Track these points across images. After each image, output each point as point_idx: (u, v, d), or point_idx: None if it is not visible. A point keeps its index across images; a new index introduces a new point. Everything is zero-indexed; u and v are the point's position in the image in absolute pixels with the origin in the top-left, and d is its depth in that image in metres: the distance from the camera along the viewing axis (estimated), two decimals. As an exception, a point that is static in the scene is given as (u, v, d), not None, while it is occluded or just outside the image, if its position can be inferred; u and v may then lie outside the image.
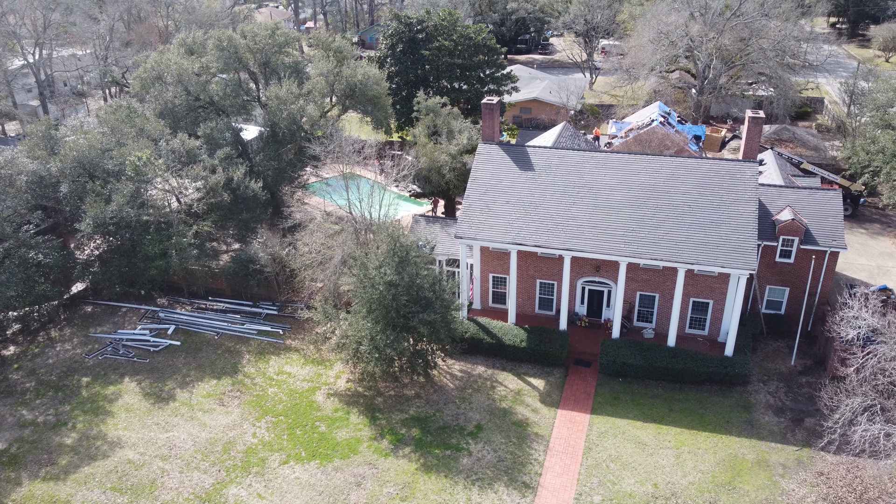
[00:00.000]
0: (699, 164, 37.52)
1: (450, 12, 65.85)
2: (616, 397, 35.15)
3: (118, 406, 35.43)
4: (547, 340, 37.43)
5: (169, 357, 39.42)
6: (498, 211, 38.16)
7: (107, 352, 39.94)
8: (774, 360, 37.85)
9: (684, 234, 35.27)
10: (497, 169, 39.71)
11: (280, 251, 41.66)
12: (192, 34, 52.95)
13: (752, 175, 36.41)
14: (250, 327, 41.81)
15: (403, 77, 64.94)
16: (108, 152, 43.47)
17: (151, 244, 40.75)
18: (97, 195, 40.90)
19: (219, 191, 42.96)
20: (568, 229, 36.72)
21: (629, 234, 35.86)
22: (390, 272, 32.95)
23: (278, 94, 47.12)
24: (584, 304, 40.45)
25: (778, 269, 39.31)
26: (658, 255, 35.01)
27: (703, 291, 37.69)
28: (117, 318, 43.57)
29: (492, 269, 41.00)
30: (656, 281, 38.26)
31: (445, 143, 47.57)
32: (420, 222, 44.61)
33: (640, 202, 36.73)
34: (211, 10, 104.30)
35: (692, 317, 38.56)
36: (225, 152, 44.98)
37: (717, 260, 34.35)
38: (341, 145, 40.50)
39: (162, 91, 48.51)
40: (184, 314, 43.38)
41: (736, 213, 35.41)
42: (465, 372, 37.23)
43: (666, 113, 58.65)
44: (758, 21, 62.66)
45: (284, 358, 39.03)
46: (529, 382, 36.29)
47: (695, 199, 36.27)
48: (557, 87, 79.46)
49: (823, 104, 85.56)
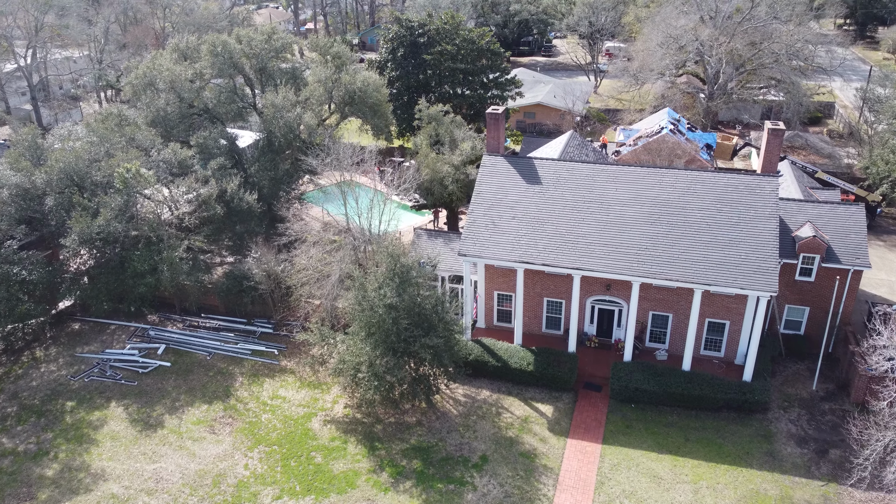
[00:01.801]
0: (716, 178, 35.62)
1: (452, 15, 63.95)
2: (629, 425, 33.27)
3: (103, 434, 33.56)
4: (555, 363, 35.55)
5: (158, 379, 37.57)
6: (504, 227, 36.28)
7: (93, 373, 38.09)
8: (795, 385, 35.95)
9: (701, 253, 33.38)
10: (503, 182, 37.84)
11: (275, 267, 39.79)
12: (185, 39, 51.06)
13: (773, 190, 34.51)
14: (244, 347, 39.94)
15: (404, 82, 63.06)
16: (96, 163, 41.60)
17: (140, 260, 38.87)
18: (84, 209, 39.05)
19: (211, 203, 41.07)
20: (578, 247, 34.84)
21: (643, 253, 33.98)
22: (390, 294, 31.09)
23: (274, 102, 45.26)
24: (593, 323, 38.58)
25: (797, 288, 37.42)
26: (674, 276, 33.12)
27: (720, 312, 35.81)
28: (105, 336, 41.72)
29: (497, 286, 39.13)
30: (670, 300, 36.38)
31: (448, 152, 45.70)
32: (422, 236, 42.75)
33: (654, 218, 34.84)
34: (209, 12, 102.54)
35: (707, 338, 36.69)
36: (218, 163, 43.11)
37: (736, 281, 32.46)
38: (339, 158, 38.60)
39: (153, 98, 46.64)
40: (175, 332, 41.52)
41: (756, 230, 33.52)
42: (469, 397, 35.36)
43: (675, 120, 56.76)
44: (770, 24, 60.73)
45: (279, 380, 37.16)
46: (537, 408, 34.41)
47: (712, 215, 34.37)
48: (563, 92, 77.57)
49: (834, 109, 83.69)
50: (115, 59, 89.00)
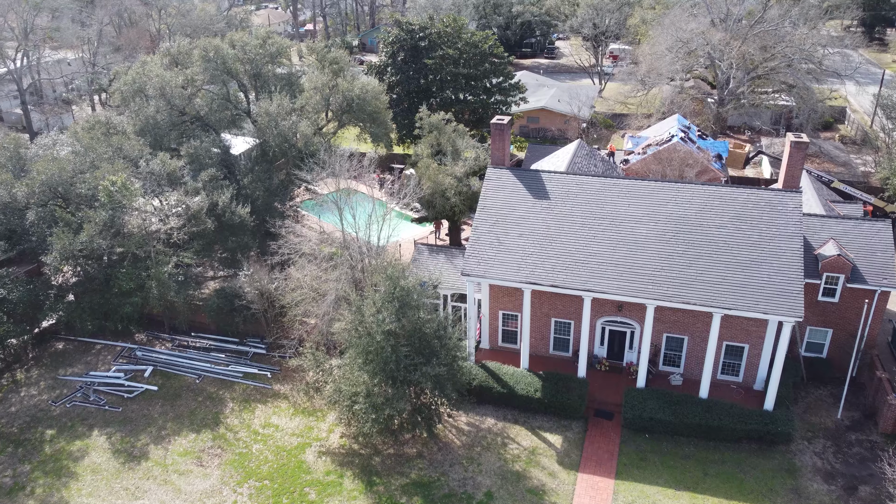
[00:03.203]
0: (735, 193, 33.56)
1: (454, 18, 61.85)
2: (643, 458, 31.21)
3: (84, 466, 31.52)
4: (564, 390, 33.51)
5: (144, 405, 35.54)
6: (509, 245, 34.24)
7: (76, 398, 36.05)
8: (818, 412, 33.91)
9: (721, 274, 31.33)
10: (508, 196, 35.80)
11: (269, 285, 37.74)
12: (176, 43, 49.02)
13: (796, 207, 32.47)
14: (235, 369, 37.91)
15: (405, 87, 60.97)
16: (81, 175, 39.57)
17: (126, 278, 36.85)
18: (66, 224, 37.01)
19: (202, 218, 39.03)
20: (588, 267, 32.79)
21: (658, 274, 31.93)
22: (389, 319, 29.05)
23: (268, 110, 43.25)
24: (603, 345, 36.54)
25: (820, 309, 35.37)
26: (692, 299, 31.07)
27: (739, 335, 33.77)
28: (90, 356, 39.69)
29: (501, 305, 37.10)
30: (685, 322, 34.35)
31: (450, 163, 43.65)
32: (423, 252, 40.70)
33: (670, 236, 32.80)
34: (205, 14, 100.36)
35: (725, 362, 34.65)
36: (210, 174, 41.03)
37: (758, 305, 30.40)
38: (336, 171, 36.57)
39: (142, 106, 44.59)
40: (163, 353, 39.50)
41: (779, 250, 31.47)
42: (472, 426, 33.32)
43: (686, 127, 54.70)
44: (783, 28, 58.62)
45: (272, 407, 35.12)
46: (545, 439, 32.36)
47: (731, 233, 32.32)
48: (568, 96, 75.53)
49: (845, 113, 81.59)
50: (110, 61, 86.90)
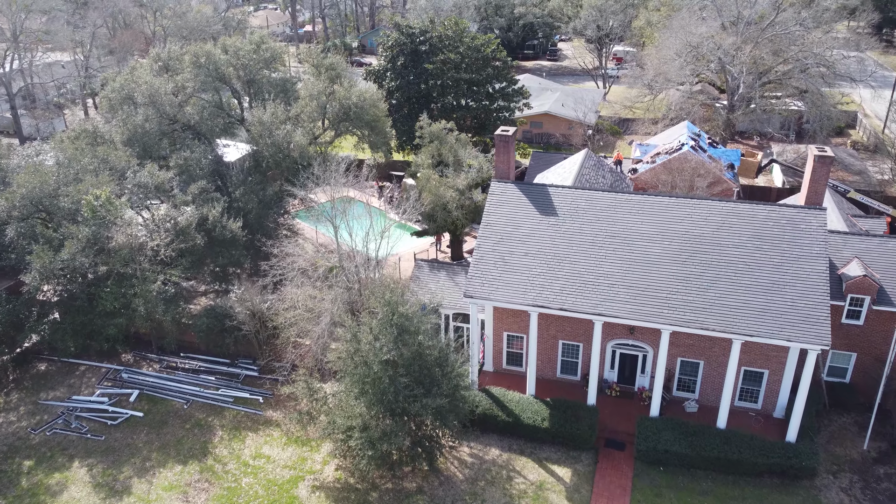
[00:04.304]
0: (755, 210, 31.60)
1: (456, 21, 59.88)
2: (658, 493, 29.26)
3: (62, 502, 29.59)
4: (573, 419, 31.57)
5: (129, 432, 33.61)
6: (515, 264, 32.29)
7: (57, 425, 34.15)
8: (843, 443, 31.95)
9: (741, 298, 29.37)
10: (514, 212, 33.86)
11: (260, 305, 35.83)
12: (167, 48, 47.10)
13: (821, 225, 30.51)
14: (226, 393, 35.98)
15: (404, 93, 59.00)
16: (64, 188, 37.64)
17: (110, 298, 34.94)
18: (47, 241, 35.10)
19: (191, 233, 37.11)
20: (599, 289, 30.84)
21: (673, 297, 29.98)
22: (387, 348, 27.12)
23: (262, 119, 41.33)
24: (614, 369, 34.59)
25: (844, 332, 33.41)
26: (710, 325, 29.11)
27: (758, 360, 31.83)
28: (74, 378, 37.77)
29: (506, 326, 35.18)
30: (701, 347, 32.41)
31: (452, 175, 41.69)
32: (423, 268, 38.76)
33: (686, 256, 30.85)
34: (202, 16, 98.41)
35: (743, 387, 32.72)
36: (199, 186, 39.12)
37: (782, 332, 28.44)
38: (332, 184, 34.67)
39: (131, 114, 42.64)
40: (150, 375, 37.58)
41: (803, 272, 29.51)
42: (475, 457, 31.37)
43: (696, 134, 52.70)
44: (796, 31, 56.60)
45: (263, 435, 33.19)
46: (553, 472, 30.41)
47: (752, 253, 30.37)
48: (572, 101, 73.57)
49: (857, 118, 79.60)
50: (104, 64, 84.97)
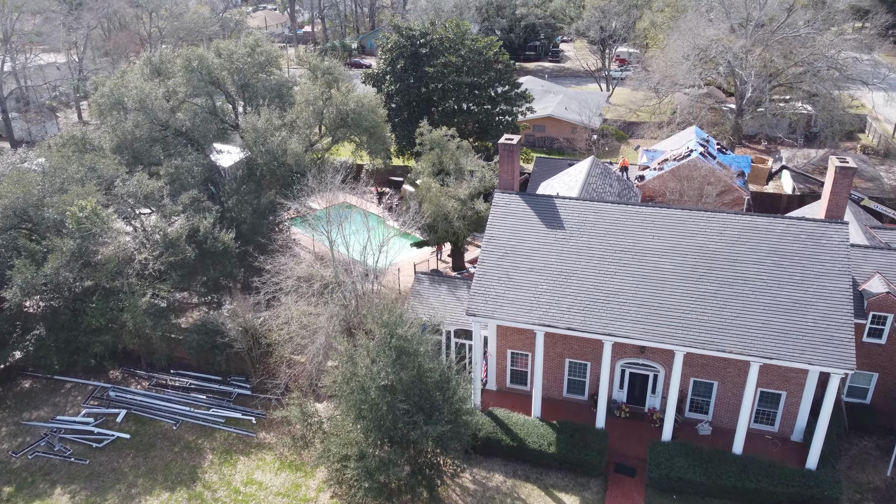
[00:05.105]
0: (773, 224, 30.03)
1: (457, 24, 58.28)
2: (671, 524, 27.73)
3: (41, 533, 28.11)
4: (581, 443, 29.98)
5: (115, 456, 32.05)
6: (519, 281, 30.71)
7: (39, 447, 32.59)
8: (865, 469, 30.37)
9: (759, 318, 27.78)
10: (518, 225, 32.28)
11: (253, 321, 34.27)
12: (158, 52, 45.53)
13: (843, 240, 28.93)
14: (217, 413, 34.42)
15: (404, 97, 57.40)
16: (49, 198, 36.11)
17: (95, 314, 33.38)
18: (29, 254, 33.54)
19: (181, 245, 35.53)
20: (609, 307, 29.26)
21: (687, 316, 28.39)
22: (385, 373, 25.54)
23: (256, 125, 39.77)
24: (623, 388, 33.02)
25: (865, 351, 31.84)
26: (727, 346, 27.53)
27: (776, 381, 30.26)
28: (59, 396, 36.23)
29: (510, 344, 33.61)
30: (716, 367, 30.84)
31: (453, 184, 40.10)
32: (423, 282, 37.18)
33: (701, 273, 29.26)
34: (199, 17, 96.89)
35: (759, 409, 31.15)
36: (191, 196, 37.57)
37: (803, 354, 26.86)
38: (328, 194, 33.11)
39: (120, 120, 41.10)
40: (139, 393, 36.03)
41: (825, 290, 27.92)
42: (479, 483, 29.79)
43: (704, 140, 51.13)
44: (807, 33, 55.01)
45: (255, 459, 31.61)
46: (560, 500, 28.83)
47: (770, 270, 28.79)
48: (576, 104, 71.99)
49: (866, 121, 77.98)
50: (98, 66, 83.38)
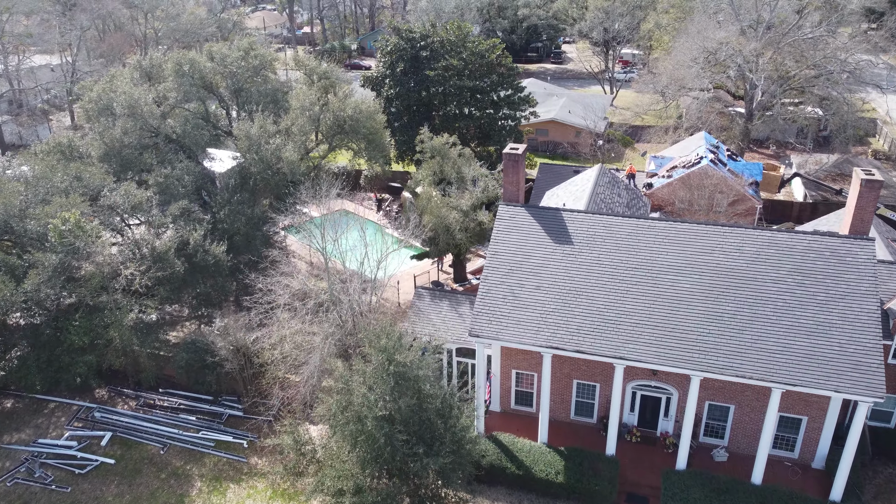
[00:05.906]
0: (794, 240, 28.36)
1: (459, 26, 56.63)
2: (687, 560, 26.05)
3: (17, 569, 26.45)
4: (591, 472, 28.33)
5: (98, 482, 30.40)
6: (525, 299, 29.04)
7: (19, 474, 30.94)
8: (891, 499, 28.72)
9: (781, 341, 26.12)
10: (524, 240, 30.61)
11: (245, 340, 32.62)
12: (148, 56, 43.90)
13: (868, 258, 27.28)
14: (206, 436, 32.78)
15: (404, 101, 55.76)
16: (31, 209, 34.47)
17: (79, 333, 31.73)
18: (9, 270, 31.91)
19: (170, 259, 33.87)
20: (620, 328, 27.60)
21: (704, 339, 26.73)
22: (383, 403, 23.86)
23: (249, 133, 38.12)
24: (634, 411, 31.37)
25: (890, 373, 30.15)
26: (746, 372, 25.87)
27: (796, 406, 28.60)
28: (42, 417, 34.57)
29: (515, 364, 31.95)
30: (732, 390, 29.19)
31: (455, 193, 38.45)
32: (423, 297, 35.52)
33: (718, 292, 27.60)
34: (196, 18, 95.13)
35: (778, 434, 29.49)
36: (181, 206, 35.94)
37: (829, 381, 25.19)
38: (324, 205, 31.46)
39: (108, 127, 39.45)
40: (125, 414, 34.37)
41: (850, 311, 26.27)
42: (482, 514, 28.16)
43: (714, 146, 49.48)
44: (820, 36, 53.38)
45: (246, 486, 29.96)
46: (569, 533, 27.22)
47: (792, 289, 27.12)
48: (580, 107, 70.36)
49: (876, 125, 76.35)
50: (93, 68, 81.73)
